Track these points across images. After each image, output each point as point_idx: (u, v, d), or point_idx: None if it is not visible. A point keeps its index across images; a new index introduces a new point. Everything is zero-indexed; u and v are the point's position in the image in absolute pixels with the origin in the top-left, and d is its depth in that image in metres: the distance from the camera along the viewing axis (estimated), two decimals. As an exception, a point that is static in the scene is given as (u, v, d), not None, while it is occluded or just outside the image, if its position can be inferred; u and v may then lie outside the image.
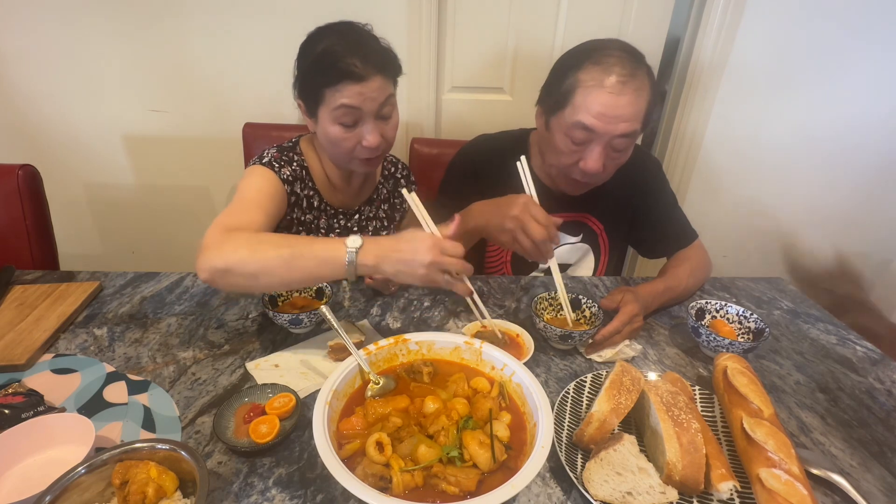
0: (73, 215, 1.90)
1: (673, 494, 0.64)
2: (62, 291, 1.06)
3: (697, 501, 0.65)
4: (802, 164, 1.87)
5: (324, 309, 0.83)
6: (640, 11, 1.65)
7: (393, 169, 1.28)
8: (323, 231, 1.15)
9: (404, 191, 0.88)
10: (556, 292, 0.99)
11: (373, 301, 1.09)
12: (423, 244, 0.77)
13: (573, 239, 1.25)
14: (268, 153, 1.06)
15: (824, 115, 1.77)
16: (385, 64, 0.98)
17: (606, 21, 1.66)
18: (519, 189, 0.97)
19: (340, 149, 1.01)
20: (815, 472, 0.69)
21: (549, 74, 1.08)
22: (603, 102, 0.96)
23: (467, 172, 1.23)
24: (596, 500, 0.62)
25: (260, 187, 0.99)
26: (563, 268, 1.29)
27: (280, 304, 1.01)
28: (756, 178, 1.90)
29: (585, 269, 1.30)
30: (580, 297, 1.01)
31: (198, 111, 1.74)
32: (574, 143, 1.01)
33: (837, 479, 0.68)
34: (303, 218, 1.11)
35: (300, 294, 1.03)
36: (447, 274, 0.79)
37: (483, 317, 0.92)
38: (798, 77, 1.70)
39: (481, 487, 0.60)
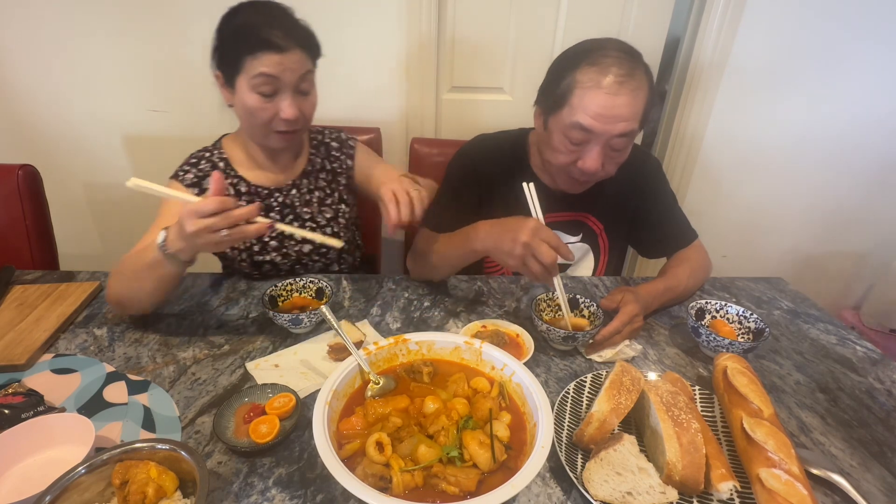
0: (73, 215, 1.90)
1: (673, 494, 0.64)
2: (62, 291, 1.06)
3: (697, 501, 0.65)
4: (802, 163, 1.87)
5: (324, 309, 0.84)
6: (640, 11, 1.65)
7: (321, 136, 1.26)
8: (263, 212, 1.13)
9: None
10: (555, 293, 0.99)
11: (373, 301, 1.09)
12: (181, 216, 0.78)
13: (573, 239, 1.25)
14: (180, 164, 1.13)
15: (824, 115, 1.77)
16: (305, 39, 1.00)
17: (606, 21, 1.66)
18: (518, 190, 0.96)
19: (257, 119, 1.01)
20: (815, 472, 0.69)
21: (546, 74, 1.08)
22: (600, 103, 0.96)
23: (467, 172, 1.23)
24: (596, 500, 0.62)
25: (167, 209, 1.06)
26: (563, 268, 1.29)
27: (280, 304, 1.01)
28: (756, 178, 1.90)
29: (585, 269, 1.30)
30: (578, 296, 1.01)
31: (198, 111, 1.74)
32: (572, 143, 1.01)
33: (837, 479, 0.68)
34: None
35: (300, 294, 1.03)
36: (220, 231, 0.78)
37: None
38: (798, 77, 1.70)
39: (481, 487, 0.60)
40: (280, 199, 1.17)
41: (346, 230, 1.23)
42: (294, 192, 1.18)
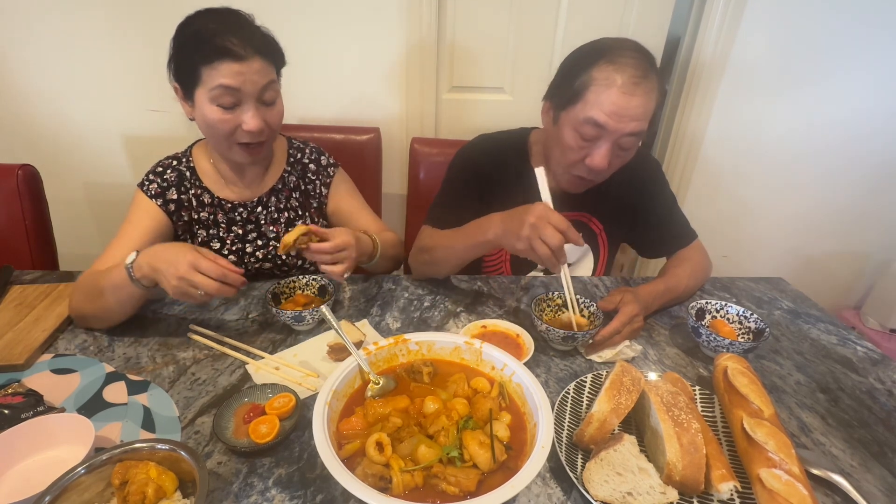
0: (73, 215, 1.90)
1: (673, 495, 0.64)
2: (61, 291, 1.06)
3: (698, 502, 0.65)
4: (803, 163, 1.87)
5: (324, 309, 0.84)
6: (640, 11, 1.65)
7: (299, 155, 1.20)
8: (223, 226, 1.12)
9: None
10: (555, 293, 1.00)
11: (373, 301, 1.09)
12: (186, 252, 0.82)
13: (573, 239, 1.25)
14: (147, 170, 1.11)
15: (825, 115, 1.77)
16: (266, 47, 0.96)
17: (607, 20, 1.66)
18: (519, 189, 0.97)
19: (218, 132, 0.98)
20: (815, 472, 0.69)
21: (559, 69, 1.07)
22: (615, 101, 0.96)
23: (468, 172, 1.22)
24: (596, 501, 0.62)
25: (131, 218, 1.06)
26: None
27: (283, 301, 1.02)
28: (756, 178, 1.90)
29: (584, 269, 1.30)
30: (578, 296, 1.00)
31: (198, 111, 1.74)
32: (583, 139, 1.01)
33: (838, 479, 0.68)
34: (197, 217, 1.10)
35: (302, 292, 1.04)
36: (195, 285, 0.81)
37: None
38: (799, 76, 1.70)
39: (481, 487, 0.60)
40: (244, 215, 1.14)
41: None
42: (260, 209, 1.15)
